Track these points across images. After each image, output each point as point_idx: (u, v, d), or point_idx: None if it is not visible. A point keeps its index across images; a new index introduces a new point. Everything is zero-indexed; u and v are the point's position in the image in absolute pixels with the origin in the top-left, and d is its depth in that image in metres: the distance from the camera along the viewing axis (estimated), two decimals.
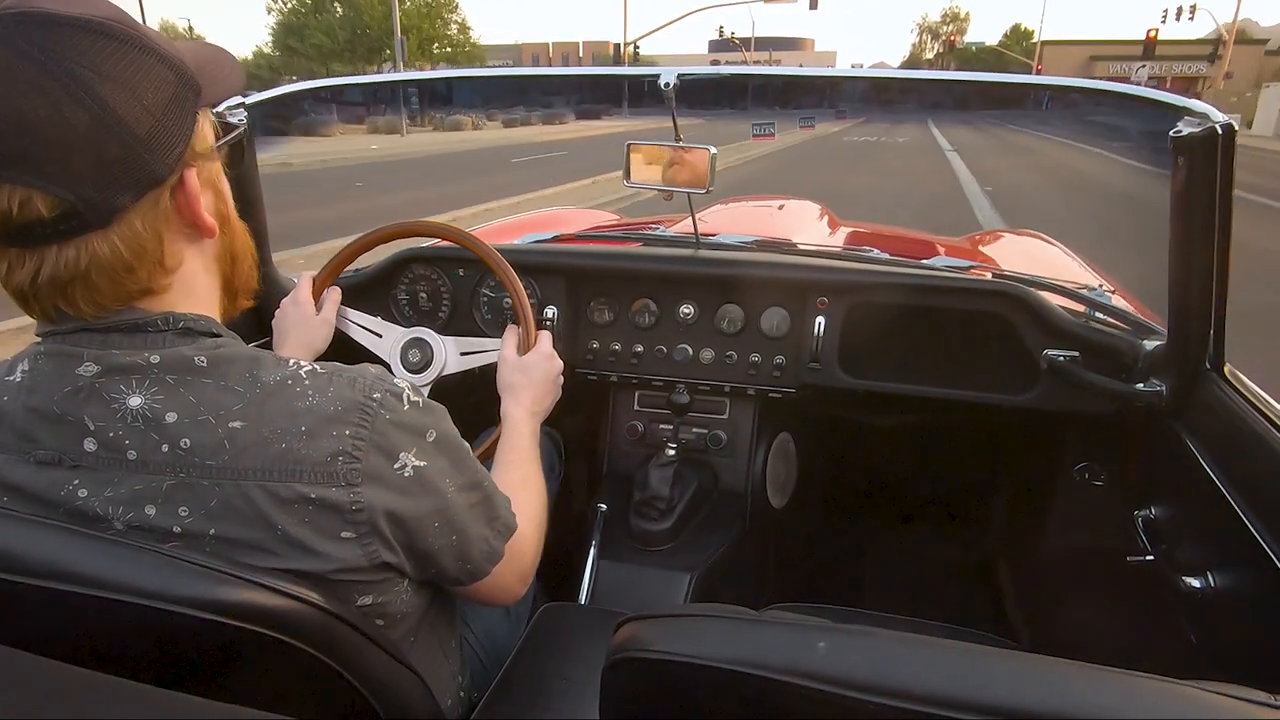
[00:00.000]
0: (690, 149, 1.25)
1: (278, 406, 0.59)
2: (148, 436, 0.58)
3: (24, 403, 0.59)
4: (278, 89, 1.31)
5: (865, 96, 1.85)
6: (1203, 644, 0.93)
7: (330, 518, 0.59)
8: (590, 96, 26.99)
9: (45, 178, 0.52)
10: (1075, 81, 1.05)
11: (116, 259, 0.56)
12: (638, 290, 1.46)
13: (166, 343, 0.60)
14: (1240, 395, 0.94)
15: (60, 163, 0.52)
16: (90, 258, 0.55)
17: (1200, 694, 0.40)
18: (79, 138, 0.52)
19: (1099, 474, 1.35)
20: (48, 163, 0.52)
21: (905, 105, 4.65)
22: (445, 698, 0.79)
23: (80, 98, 0.51)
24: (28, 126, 0.51)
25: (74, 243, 0.55)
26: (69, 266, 0.55)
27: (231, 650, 0.55)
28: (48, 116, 0.51)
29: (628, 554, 1.32)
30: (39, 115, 0.51)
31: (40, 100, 0.51)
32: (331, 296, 1.24)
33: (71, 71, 0.51)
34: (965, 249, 2.25)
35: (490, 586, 0.74)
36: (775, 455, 1.55)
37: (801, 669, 0.43)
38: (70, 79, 0.51)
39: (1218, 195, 0.86)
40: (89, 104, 0.52)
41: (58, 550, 0.54)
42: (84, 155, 0.52)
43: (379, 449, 0.61)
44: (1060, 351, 1.21)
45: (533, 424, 1.05)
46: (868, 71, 1.62)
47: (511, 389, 1.08)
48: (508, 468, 0.94)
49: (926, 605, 1.30)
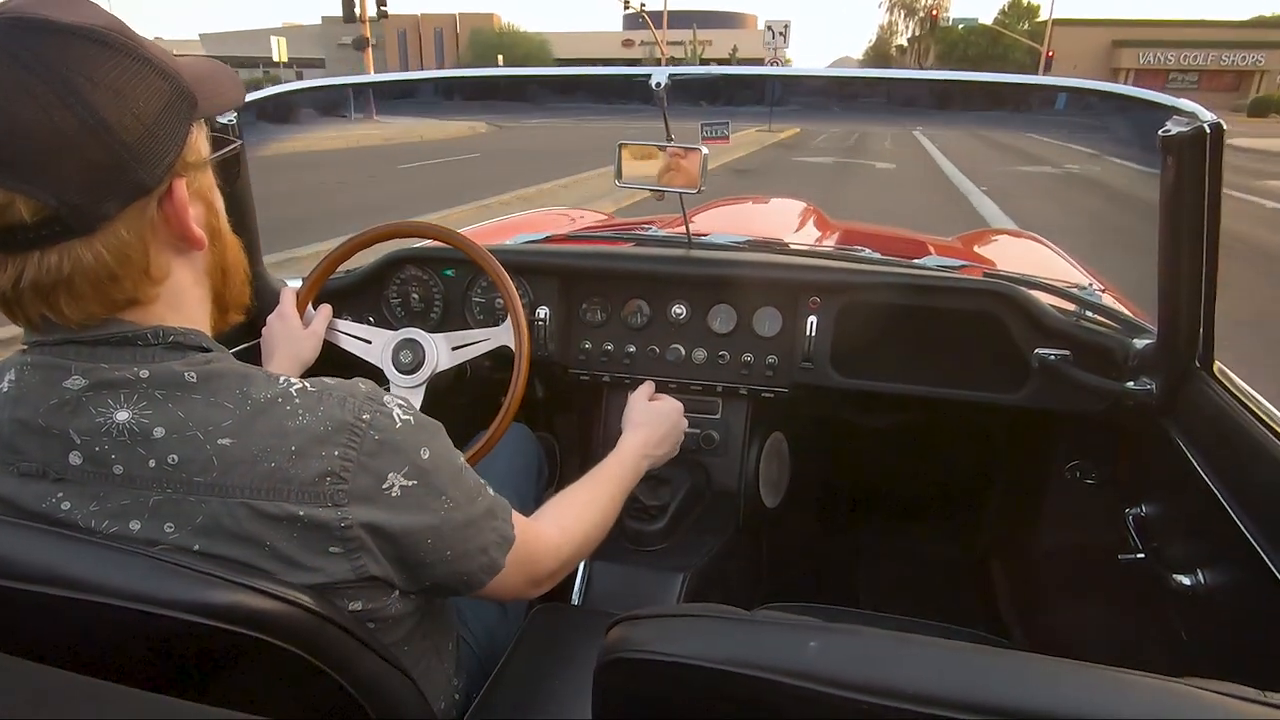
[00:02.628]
0: (681, 149, 1.25)
1: (267, 425, 0.59)
2: (134, 451, 0.57)
3: (10, 414, 0.59)
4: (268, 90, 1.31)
5: (822, 98, 1.64)
6: (1193, 641, 0.94)
7: (318, 535, 0.59)
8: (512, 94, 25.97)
9: (30, 181, 0.51)
10: (1064, 81, 1.06)
11: (100, 267, 0.56)
12: (630, 290, 1.46)
13: (156, 357, 0.59)
14: (1229, 393, 0.94)
15: (45, 167, 0.51)
16: (73, 264, 0.55)
17: (1191, 691, 0.40)
18: (66, 143, 0.51)
19: (1090, 472, 1.36)
20: (33, 167, 0.51)
21: (877, 110, 3.94)
22: (439, 699, 0.79)
23: (70, 103, 0.51)
24: (15, 130, 0.51)
25: (57, 249, 0.54)
26: (51, 272, 0.54)
27: (221, 653, 0.55)
28: (35, 120, 0.51)
29: (620, 554, 1.32)
30: (26, 119, 0.50)
31: (28, 104, 0.50)
32: (322, 312, 1.25)
33: (62, 76, 0.51)
34: (957, 249, 2.26)
35: (494, 590, 0.74)
36: (768, 455, 1.55)
37: (793, 668, 0.43)
38: (61, 84, 0.51)
39: (1206, 194, 0.87)
40: (78, 109, 0.51)
41: (47, 554, 0.53)
42: (70, 161, 0.52)
43: (366, 470, 0.61)
44: (1051, 350, 1.22)
45: (638, 463, 1.10)
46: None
47: (634, 426, 1.16)
48: (586, 485, 0.97)
49: (919, 604, 1.31)
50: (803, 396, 1.44)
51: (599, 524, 0.93)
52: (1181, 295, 0.94)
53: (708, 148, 1.25)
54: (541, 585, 0.82)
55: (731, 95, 1.45)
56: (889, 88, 1.40)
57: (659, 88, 1.15)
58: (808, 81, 1.52)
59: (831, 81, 1.49)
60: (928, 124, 3.47)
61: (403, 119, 12.37)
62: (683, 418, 1.24)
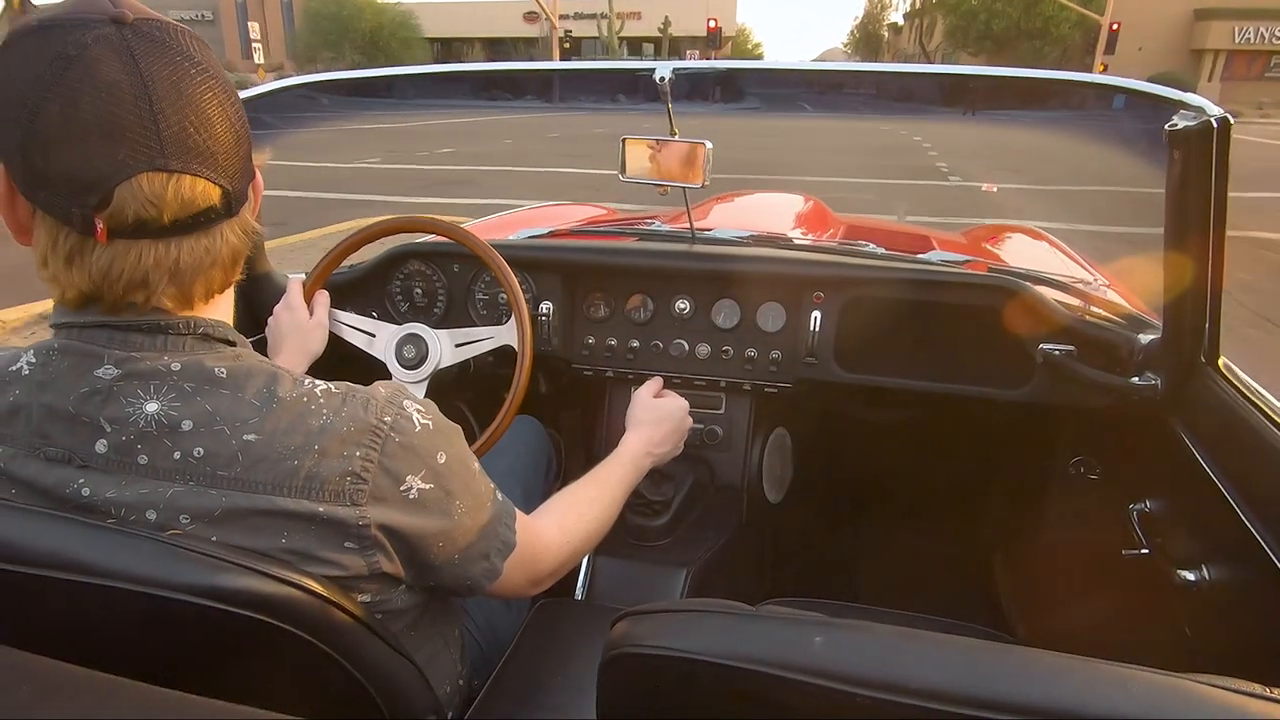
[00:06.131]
0: (685, 143, 1.25)
1: (293, 423, 0.60)
2: (160, 443, 0.58)
3: (39, 399, 0.59)
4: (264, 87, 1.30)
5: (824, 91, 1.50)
6: (1197, 637, 0.94)
7: (335, 531, 0.60)
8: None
9: (220, 170, 0.58)
10: (1071, 75, 1.05)
11: (229, 249, 0.61)
12: (633, 285, 1.46)
13: (186, 347, 0.61)
14: (1234, 388, 0.94)
15: (231, 155, 0.58)
16: (222, 245, 0.60)
17: (1195, 687, 0.40)
18: (239, 136, 0.59)
19: (1094, 468, 1.36)
20: (225, 154, 0.58)
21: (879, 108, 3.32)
22: (444, 686, 0.80)
23: (233, 102, 0.58)
24: (208, 123, 0.56)
25: (211, 231, 0.59)
26: (201, 255, 0.59)
27: (230, 639, 0.55)
28: (222, 115, 0.57)
29: (624, 549, 1.32)
30: (213, 114, 0.57)
31: (212, 101, 0.57)
32: (320, 300, 1.25)
33: (223, 77, 0.58)
34: (961, 244, 2.25)
35: (494, 591, 0.75)
36: (771, 450, 1.55)
37: (798, 664, 0.43)
38: (225, 83, 0.58)
39: (1213, 189, 0.87)
40: (234, 107, 0.59)
41: (59, 539, 0.54)
42: (243, 150, 0.60)
43: (386, 471, 0.62)
44: (1056, 345, 1.21)
45: (641, 461, 1.10)
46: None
47: (638, 425, 1.16)
48: (588, 483, 0.98)
49: (922, 599, 1.31)
50: (806, 392, 1.44)
51: (601, 522, 0.93)
52: (1187, 290, 0.94)
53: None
54: (542, 584, 0.83)
55: (736, 90, 1.43)
56: (878, 85, 1.39)
57: (663, 81, 1.14)
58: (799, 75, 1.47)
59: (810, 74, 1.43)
60: (928, 118, 2.98)
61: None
62: (687, 415, 1.23)
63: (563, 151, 11.57)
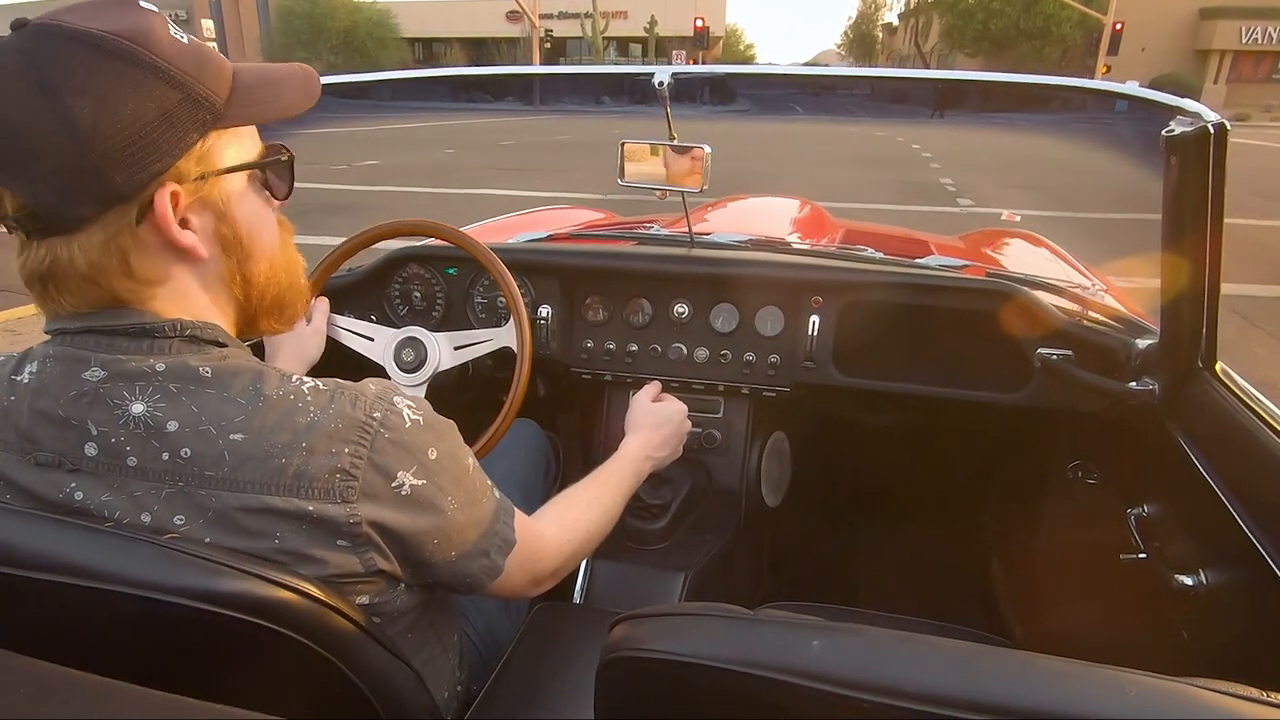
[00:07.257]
0: (685, 148, 1.25)
1: (279, 421, 0.59)
2: (148, 444, 0.58)
3: (30, 404, 0.60)
4: None
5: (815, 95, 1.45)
6: (1194, 641, 0.94)
7: (327, 530, 0.60)
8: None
9: (14, 177, 0.55)
10: (1066, 81, 1.06)
11: (76, 267, 0.58)
12: (632, 289, 1.46)
13: (172, 349, 0.60)
14: (1232, 393, 0.94)
15: (26, 165, 0.54)
16: (53, 260, 0.57)
17: (1192, 691, 0.40)
18: (43, 144, 0.54)
19: (1092, 472, 1.36)
20: (14, 164, 0.55)
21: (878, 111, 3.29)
22: (442, 690, 0.79)
23: (55, 107, 0.53)
24: (5, 129, 0.54)
25: (44, 243, 0.57)
26: (40, 264, 0.58)
27: (227, 642, 0.55)
28: (22, 122, 0.53)
29: (622, 553, 1.32)
30: (14, 120, 0.53)
31: (14, 104, 0.53)
32: (319, 306, 1.25)
33: (50, 81, 0.53)
34: (959, 248, 2.26)
35: (495, 590, 0.75)
36: (769, 454, 1.55)
37: (796, 667, 0.43)
38: (46, 88, 0.53)
39: (1210, 194, 0.87)
40: (60, 113, 0.53)
41: (53, 542, 0.54)
42: (46, 161, 0.54)
43: (376, 468, 0.61)
44: (1053, 350, 1.22)
45: (641, 465, 1.10)
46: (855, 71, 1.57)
47: (637, 429, 1.16)
48: (588, 485, 0.98)
49: (920, 603, 1.31)
50: (804, 396, 1.44)
51: (601, 523, 0.93)
52: (1184, 295, 0.94)
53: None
54: (542, 584, 0.83)
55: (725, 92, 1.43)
56: (872, 88, 1.39)
57: (662, 86, 1.15)
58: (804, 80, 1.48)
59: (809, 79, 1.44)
60: (924, 123, 2.94)
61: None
62: (686, 419, 1.23)
63: (507, 164, 10.35)
